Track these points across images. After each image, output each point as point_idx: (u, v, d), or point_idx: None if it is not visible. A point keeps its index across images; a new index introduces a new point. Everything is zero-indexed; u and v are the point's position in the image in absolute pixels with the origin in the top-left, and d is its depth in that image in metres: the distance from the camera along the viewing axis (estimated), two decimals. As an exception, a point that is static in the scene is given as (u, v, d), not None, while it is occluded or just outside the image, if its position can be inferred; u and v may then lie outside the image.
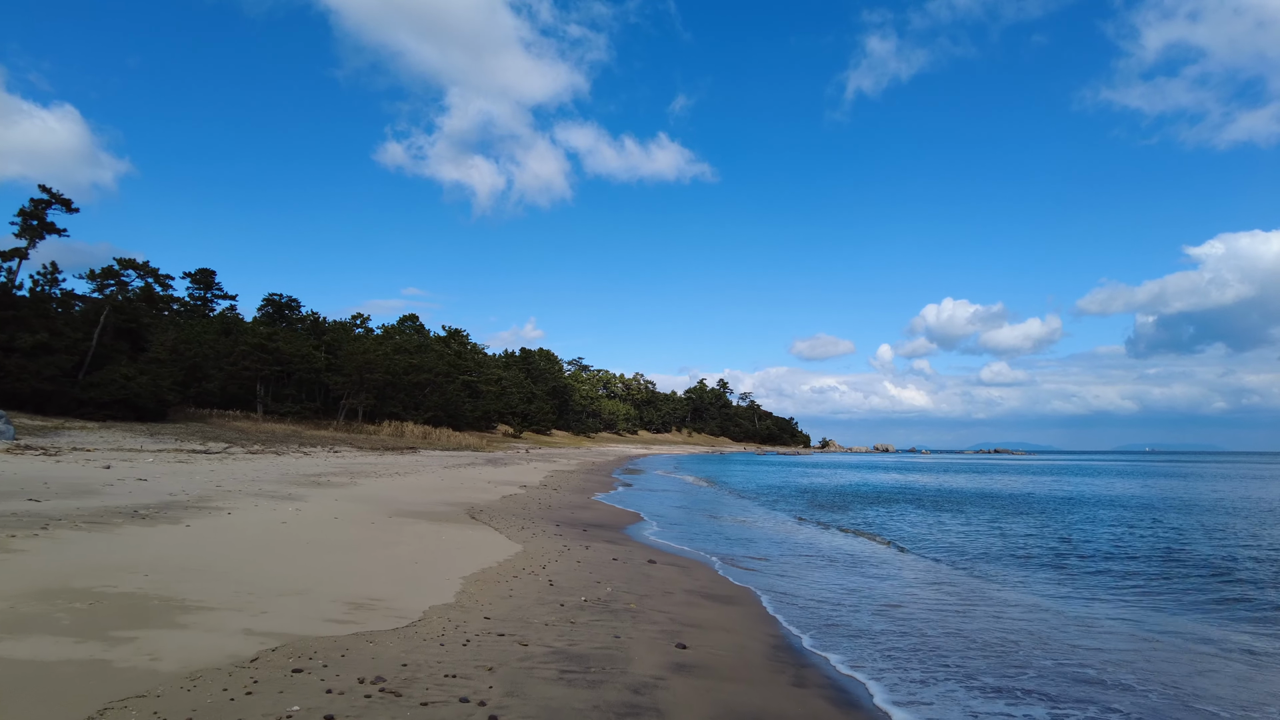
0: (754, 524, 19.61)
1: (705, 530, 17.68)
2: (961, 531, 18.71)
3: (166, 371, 56.52)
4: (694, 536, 16.14)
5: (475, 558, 10.44)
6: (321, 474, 25.25)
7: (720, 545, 14.87)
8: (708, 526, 18.64)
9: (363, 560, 9.61)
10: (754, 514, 22.26)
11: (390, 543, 11.13)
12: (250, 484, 18.95)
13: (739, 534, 17.25)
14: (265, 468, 27.63)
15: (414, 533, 12.35)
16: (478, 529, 13.50)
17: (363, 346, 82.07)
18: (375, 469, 30.08)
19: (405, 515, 14.61)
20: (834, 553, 14.40)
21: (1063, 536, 17.75)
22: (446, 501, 18.27)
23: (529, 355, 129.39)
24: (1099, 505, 26.32)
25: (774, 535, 17.28)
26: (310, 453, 43.98)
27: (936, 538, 17.35)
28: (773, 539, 16.48)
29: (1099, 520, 21.29)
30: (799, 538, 16.85)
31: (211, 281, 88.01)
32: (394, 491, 19.91)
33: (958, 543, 16.58)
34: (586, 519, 17.80)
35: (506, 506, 18.51)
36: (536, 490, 24.95)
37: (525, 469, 38.64)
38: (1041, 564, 13.77)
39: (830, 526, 19.31)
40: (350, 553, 10.08)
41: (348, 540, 11.07)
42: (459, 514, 15.71)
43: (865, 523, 20.07)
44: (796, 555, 13.96)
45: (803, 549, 14.89)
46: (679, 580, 10.25)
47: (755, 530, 18.21)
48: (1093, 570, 13.12)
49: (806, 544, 15.68)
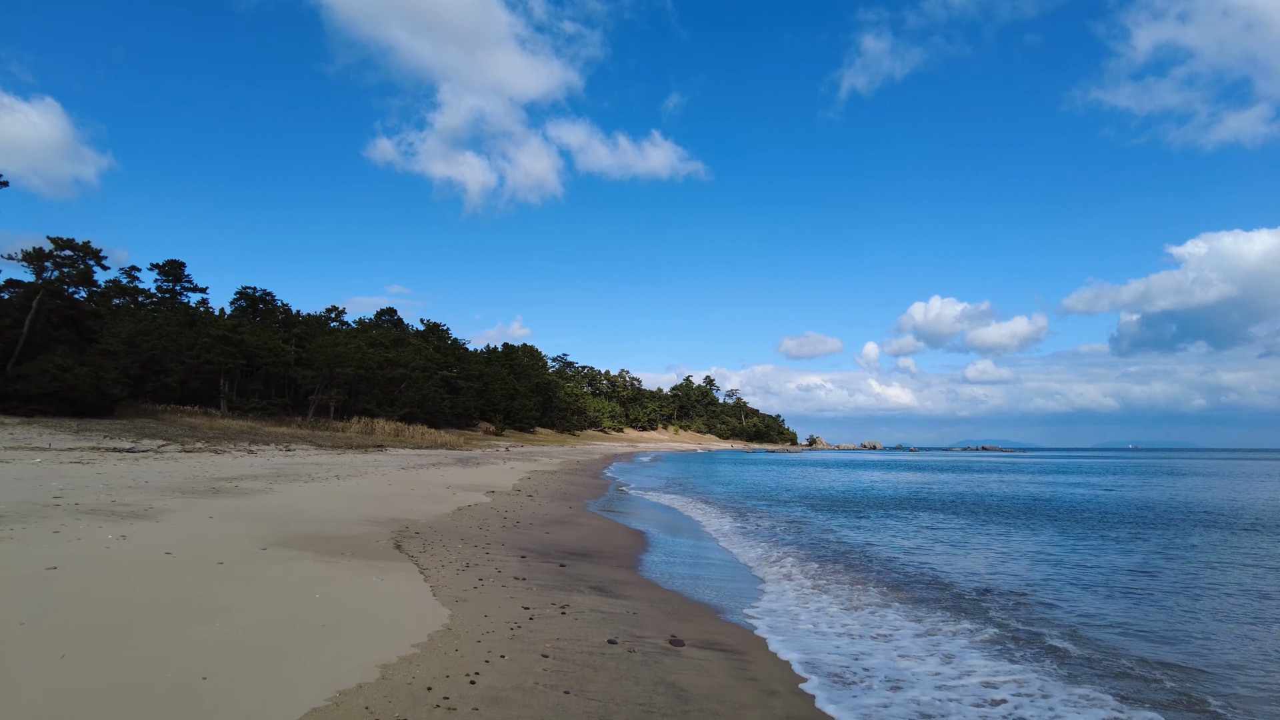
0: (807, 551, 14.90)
1: (739, 566, 12.89)
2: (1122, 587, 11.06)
3: (113, 364, 51.14)
4: (728, 578, 11.34)
5: (351, 648, 5.60)
6: (237, 477, 20.23)
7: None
8: (746, 555, 13.86)
9: (101, 669, 4.76)
10: (795, 532, 17.53)
11: (212, 611, 6.25)
12: (113, 492, 13.98)
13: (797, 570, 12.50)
14: (175, 470, 22.56)
15: (276, 583, 7.46)
16: (391, 572, 8.63)
17: (334, 340, 76.75)
18: (316, 471, 25.06)
19: (293, 545, 9.74)
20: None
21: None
22: (374, 518, 13.36)
23: (512, 351, 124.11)
24: (1196, 521, 21.34)
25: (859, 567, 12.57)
26: (258, 451, 38.83)
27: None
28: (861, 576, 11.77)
29: (1235, 549, 15.16)
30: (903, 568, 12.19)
31: (181, 273, 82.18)
32: (311, 503, 14.97)
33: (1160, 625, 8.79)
34: (568, 542, 12.98)
35: (457, 525, 13.62)
36: (506, 498, 20.10)
37: (499, 470, 33.70)
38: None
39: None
40: (101, 643, 5.23)
41: (131, 606, 6.21)
42: (379, 540, 10.84)
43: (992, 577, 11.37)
44: (907, 622, 9.23)
45: (921, 583, 10.20)
46: (733, 694, 5.50)
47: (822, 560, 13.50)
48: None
49: (922, 572, 11.00)
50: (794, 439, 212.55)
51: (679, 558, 12.71)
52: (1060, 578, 11.61)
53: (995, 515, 21.56)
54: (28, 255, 53.70)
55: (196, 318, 72.73)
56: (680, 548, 13.99)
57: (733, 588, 10.22)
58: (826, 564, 12.36)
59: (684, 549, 13.85)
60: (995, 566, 12.48)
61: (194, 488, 16.32)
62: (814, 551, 13.73)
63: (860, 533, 16.86)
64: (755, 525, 18.02)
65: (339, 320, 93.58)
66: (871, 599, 9.63)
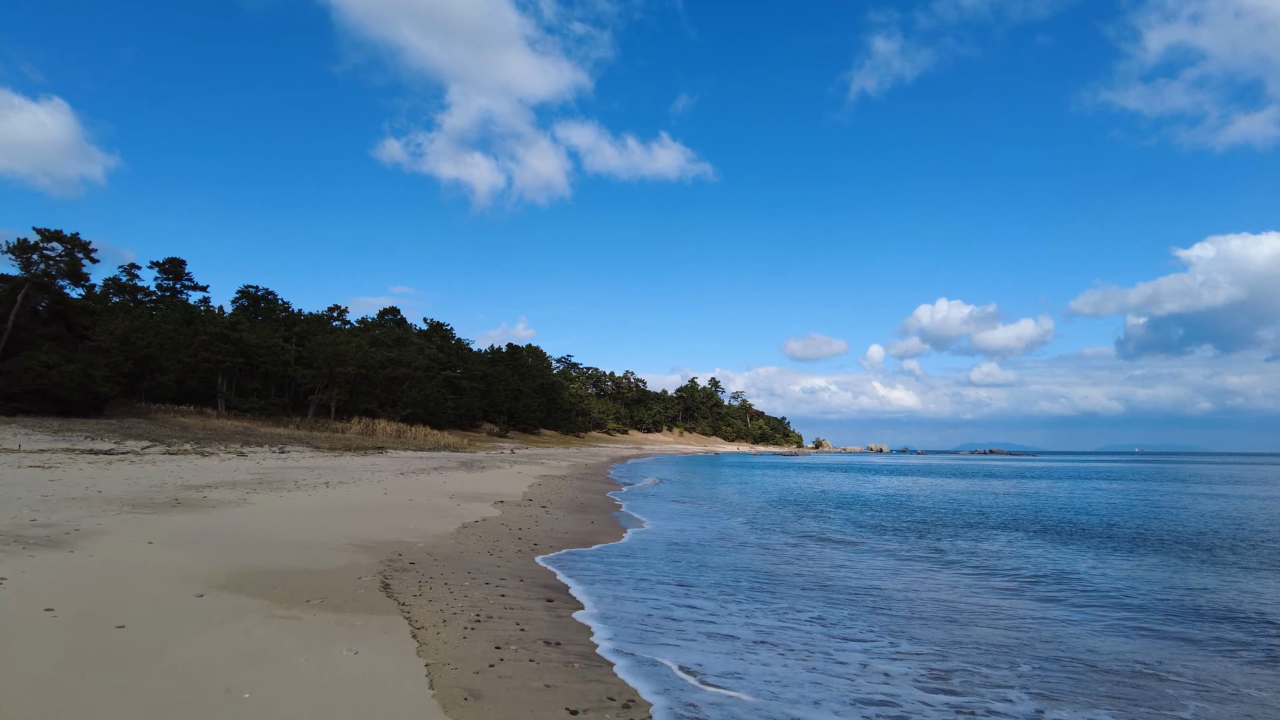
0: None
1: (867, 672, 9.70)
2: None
3: (104, 361, 48.83)
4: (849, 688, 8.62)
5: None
6: (211, 485, 17.73)
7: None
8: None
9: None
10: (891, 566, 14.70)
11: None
12: (45, 506, 11.46)
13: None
14: (145, 475, 20.08)
15: (188, 668, 4.92)
16: (370, 634, 6.08)
17: (335, 338, 74.39)
18: (305, 477, 22.56)
19: (245, 586, 7.22)
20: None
21: None
22: (361, 540, 10.81)
23: (516, 351, 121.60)
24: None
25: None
26: (249, 453, 36.40)
27: None
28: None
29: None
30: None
31: (181, 271, 79.98)
32: (288, 519, 12.44)
33: None
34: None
35: (463, 549, 11.08)
36: (517, 509, 17.55)
37: (506, 475, 31.15)
38: None
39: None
40: None
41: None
42: (363, 576, 8.30)
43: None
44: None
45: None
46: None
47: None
48: None
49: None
50: (799, 441, 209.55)
51: (749, 618, 10.14)
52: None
53: (1111, 541, 18.83)
54: (12, 247, 51.33)
55: (195, 316, 70.46)
56: (741, 581, 11.42)
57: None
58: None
59: (745, 581, 11.27)
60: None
61: (152, 499, 13.81)
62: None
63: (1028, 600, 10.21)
64: (858, 554, 15.36)
65: (341, 319, 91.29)
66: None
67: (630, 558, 12.23)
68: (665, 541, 14.61)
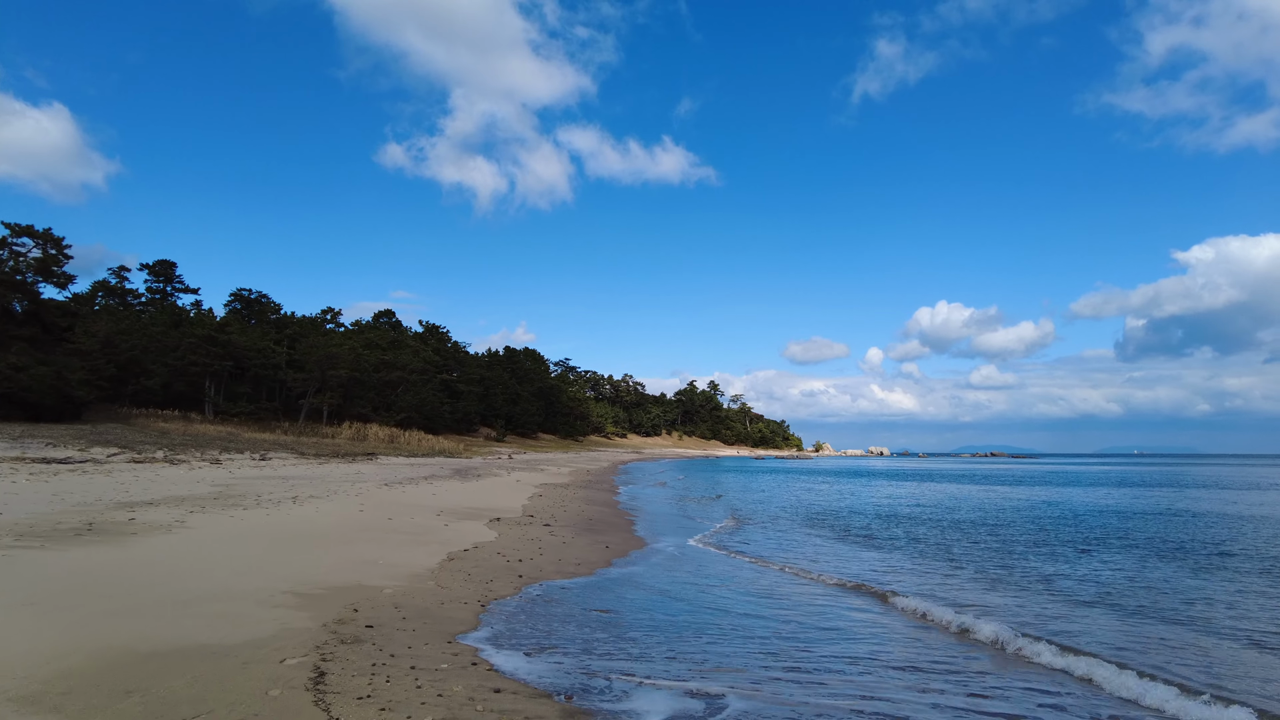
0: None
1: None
2: None
3: (81, 364, 46.04)
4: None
5: None
6: (150, 502, 14.88)
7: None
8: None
9: None
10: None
11: None
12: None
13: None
14: (84, 489, 17.25)
15: None
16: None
17: (327, 340, 71.60)
18: (273, 490, 19.72)
19: (77, 690, 4.46)
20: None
21: None
22: (307, 586, 7.98)
23: (514, 355, 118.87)
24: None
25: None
26: (226, 461, 33.54)
27: None
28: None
29: None
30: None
31: (172, 274, 77.21)
32: (221, 551, 9.62)
33: None
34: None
35: (445, 597, 8.25)
36: (516, 530, 14.72)
37: (504, 483, 28.30)
38: None
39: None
40: None
41: None
42: (293, 656, 5.49)
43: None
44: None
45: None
46: None
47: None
48: None
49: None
50: (799, 445, 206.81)
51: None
52: None
53: (1176, 556, 16.04)
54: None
55: (183, 318, 67.64)
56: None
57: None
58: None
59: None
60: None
61: (57, 525, 10.96)
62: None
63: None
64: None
65: (335, 322, 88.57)
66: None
67: (670, 600, 9.42)
68: (704, 577, 11.78)
